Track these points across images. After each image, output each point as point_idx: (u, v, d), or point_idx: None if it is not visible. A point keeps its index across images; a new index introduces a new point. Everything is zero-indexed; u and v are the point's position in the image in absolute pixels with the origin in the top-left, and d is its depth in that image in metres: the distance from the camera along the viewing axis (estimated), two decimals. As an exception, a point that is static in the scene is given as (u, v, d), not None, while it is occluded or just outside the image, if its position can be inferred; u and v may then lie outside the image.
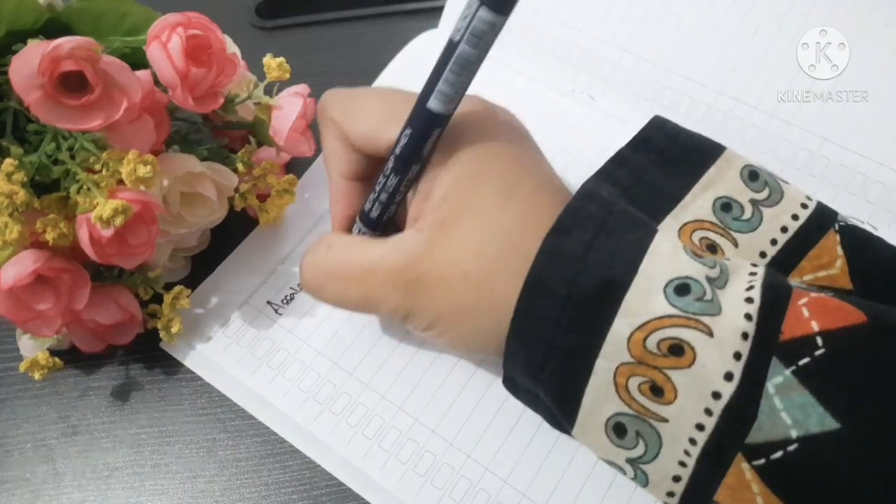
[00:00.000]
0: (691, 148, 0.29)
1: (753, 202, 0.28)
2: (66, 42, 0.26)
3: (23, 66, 0.25)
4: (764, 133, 0.37)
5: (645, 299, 0.23)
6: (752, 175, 0.28)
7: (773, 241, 0.27)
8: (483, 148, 0.27)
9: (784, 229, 0.27)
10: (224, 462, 0.31)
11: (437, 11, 0.44)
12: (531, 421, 0.30)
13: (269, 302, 0.34)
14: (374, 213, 0.28)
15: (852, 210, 0.35)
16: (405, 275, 0.26)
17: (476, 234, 0.26)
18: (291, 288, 0.35)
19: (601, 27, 0.40)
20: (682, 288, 0.23)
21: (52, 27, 0.31)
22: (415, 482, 0.29)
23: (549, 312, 0.24)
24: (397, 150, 0.26)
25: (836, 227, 0.27)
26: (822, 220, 0.27)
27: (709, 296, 0.23)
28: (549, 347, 0.24)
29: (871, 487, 0.21)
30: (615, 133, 0.38)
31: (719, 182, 0.28)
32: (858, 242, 0.27)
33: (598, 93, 0.40)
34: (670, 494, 0.24)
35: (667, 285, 0.23)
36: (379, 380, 0.32)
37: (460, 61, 0.24)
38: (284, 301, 0.34)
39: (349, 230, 0.31)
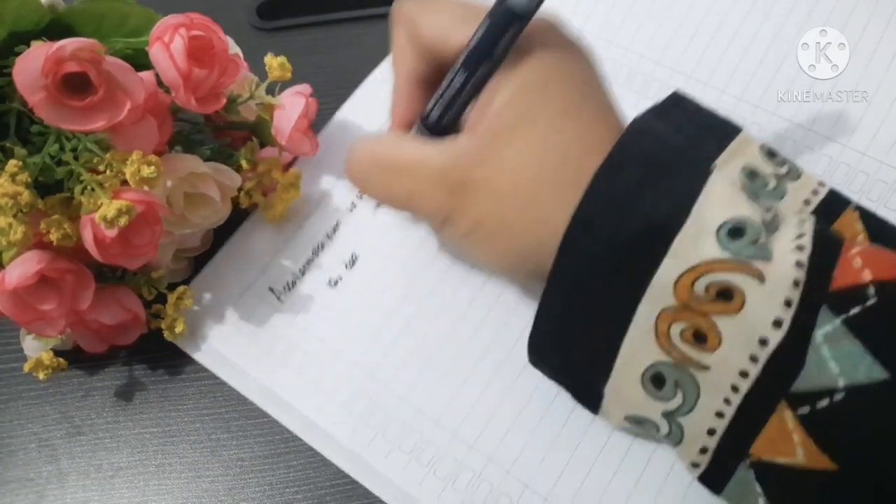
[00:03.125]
0: (713, 123, 0.29)
1: (776, 175, 0.28)
2: (69, 43, 0.26)
3: (26, 67, 0.26)
4: (766, 131, 0.37)
5: (696, 242, 0.22)
6: (770, 153, 0.28)
7: (798, 213, 0.27)
8: (552, 59, 0.26)
9: (806, 202, 0.27)
10: (228, 462, 0.31)
11: (438, 11, 0.44)
12: (534, 413, 0.31)
13: (270, 289, 0.34)
14: (436, 114, 0.27)
15: (853, 208, 0.35)
16: (453, 174, 0.26)
17: (533, 146, 0.25)
18: (293, 273, 0.34)
19: (603, 26, 0.40)
20: (735, 231, 0.22)
21: (54, 28, 0.31)
22: (417, 472, 0.30)
23: (592, 254, 0.23)
24: (471, 45, 0.26)
25: (854, 204, 0.28)
26: (839, 197, 0.28)
27: (763, 240, 0.22)
28: (590, 291, 0.24)
29: None
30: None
31: (741, 155, 0.28)
32: (876, 220, 0.27)
33: (600, 92, 0.40)
34: (703, 451, 0.24)
35: (720, 227, 0.22)
36: (382, 370, 0.32)
37: None
38: (286, 288, 0.34)
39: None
